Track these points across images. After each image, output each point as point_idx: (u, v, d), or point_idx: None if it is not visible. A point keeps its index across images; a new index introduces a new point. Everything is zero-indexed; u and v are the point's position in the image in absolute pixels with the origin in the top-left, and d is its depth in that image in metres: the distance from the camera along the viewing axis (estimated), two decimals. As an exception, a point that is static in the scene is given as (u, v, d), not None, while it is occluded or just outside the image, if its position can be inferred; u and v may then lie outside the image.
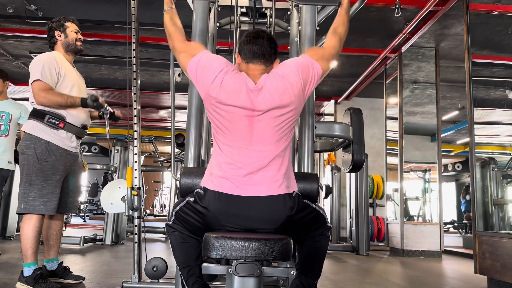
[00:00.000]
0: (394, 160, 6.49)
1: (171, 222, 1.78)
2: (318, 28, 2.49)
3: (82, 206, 12.44)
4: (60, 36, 2.92)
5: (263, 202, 1.64)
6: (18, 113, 4.03)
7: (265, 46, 1.76)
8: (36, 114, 2.76)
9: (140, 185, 2.79)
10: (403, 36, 5.65)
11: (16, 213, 2.76)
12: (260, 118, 1.68)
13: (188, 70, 1.81)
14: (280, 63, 1.82)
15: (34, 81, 2.70)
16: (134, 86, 2.86)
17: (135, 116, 2.85)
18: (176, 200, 1.90)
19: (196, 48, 1.86)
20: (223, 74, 1.70)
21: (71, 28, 2.95)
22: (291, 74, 1.73)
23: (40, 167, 2.68)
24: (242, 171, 1.66)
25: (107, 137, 3.31)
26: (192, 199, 1.71)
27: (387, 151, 6.81)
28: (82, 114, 2.90)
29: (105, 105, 2.90)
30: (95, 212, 14.94)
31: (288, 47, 2.71)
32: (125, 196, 2.75)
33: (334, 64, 7.21)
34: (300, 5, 2.50)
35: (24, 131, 2.78)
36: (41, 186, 2.67)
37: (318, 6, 2.64)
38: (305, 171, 2.29)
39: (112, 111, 2.99)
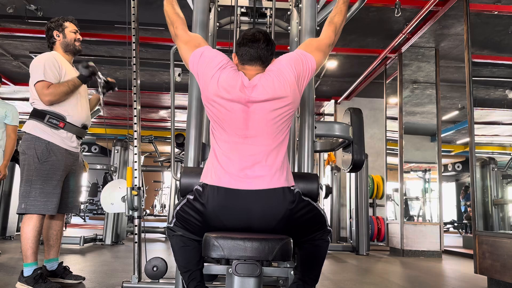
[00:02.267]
0: (394, 160, 6.49)
1: (172, 225, 1.77)
2: (318, 28, 2.49)
3: (82, 206, 12.44)
4: (58, 36, 2.91)
5: (262, 196, 1.64)
6: (3, 112, 3.97)
7: (261, 49, 1.76)
8: (36, 114, 2.76)
9: (140, 185, 2.80)
10: (403, 36, 5.65)
11: (17, 213, 2.76)
12: (255, 110, 1.69)
13: (190, 62, 1.83)
14: (275, 60, 1.83)
15: (37, 82, 2.69)
16: (134, 86, 2.87)
17: (135, 116, 2.85)
18: (176, 200, 1.89)
19: (199, 41, 1.87)
20: (222, 69, 1.74)
21: (70, 28, 2.94)
22: (284, 68, 1.75)
23: (40, 167, 2.68)
24: (240, 165, 1.67)
25: (101, 105, 3.21)
26: (191, 197, 1.72)
27: (387, 151, 6.81)
28: (82, 114, 2.90)
29: (98, 73, 2.92)
30: (95, 212, 14.95)
31: (288, 47, 2.71)
32: (125, 196, 2.75)
33: (332, 64, 7.22)
34: (300, 5, 2.50)
35: (25, 131, 2.77)
36: (42, 186, 2.67)
37: (318, 6, 2.63)
38: (305, 171, 2.29)
39: (105, 79, 3.01)
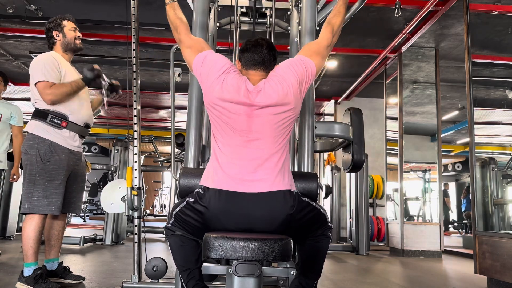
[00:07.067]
0: (394, 160, 6.49)
1: (170, 225, 1.77)
2: (318, 28, 2.49)
3: (82, 206, 12.44)
4: (58, 36, 2.90)
5: (263, 199, 1.64)
6: (9, 113, 4.01)
7: (264, 54, 1.81)
8: (39, 114, 2.75)
9: (140, 185, 2.80)
10: (403, 36, 5.65)
11: (21, 213, 2.76)
12: (259, 114, 1.72)
13: (193, 65, 1.86)
14: (276, 65, 1.86)
15: (37, 82, 2.69)
16: (134, 86, 2.86)
17: (135, 116, 2.85)
18: (176, 200, 1.89)
19: (202, 46, 1.92)
20: (226, 73, 1.77)
21: (69, 26, 2.93)
22: (287, 74, 1.79)
23: (43, 167, 2.68)
24: (241, 168, 1.68)
25: (105, 107, 3.11)
26: (192, 200, 1.71)
27: (387, 151, 6.81)
28: (85, 113, 2.90)
29: (103, 75, 2.91)
30: (95, 212, 14.95)
31: (288, 47, 2.71)
32: (125, 196, 2.75)
33: (332, 64, 7.22)
34: (300, 5, 2.51)
35: (27, 131, 2.77)
36: (45, 186, 2.67)
37: (318, 6, 2.63)
38: (305, 171, 2.29)
39: (110, 82, 2.99)
